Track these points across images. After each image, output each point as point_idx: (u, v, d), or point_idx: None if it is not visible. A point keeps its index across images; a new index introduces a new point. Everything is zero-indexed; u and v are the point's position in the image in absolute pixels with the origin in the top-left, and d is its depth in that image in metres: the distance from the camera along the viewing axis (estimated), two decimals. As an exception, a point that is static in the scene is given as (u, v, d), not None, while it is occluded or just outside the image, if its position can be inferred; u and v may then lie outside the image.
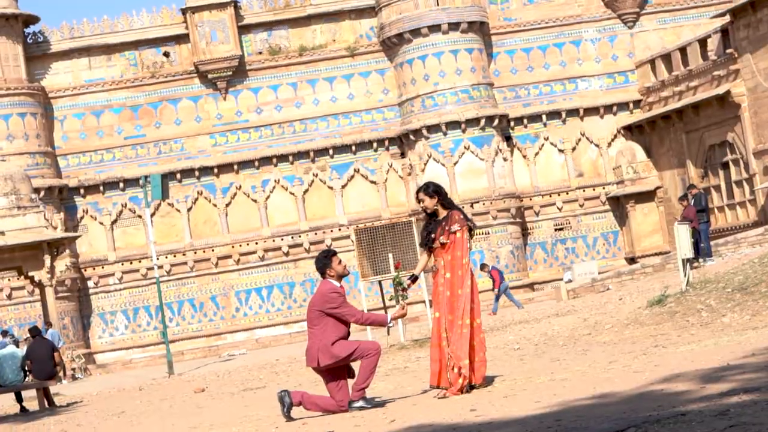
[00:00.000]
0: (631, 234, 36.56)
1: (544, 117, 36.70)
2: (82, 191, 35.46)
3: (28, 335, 20.89)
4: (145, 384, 21.95)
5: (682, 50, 34.58)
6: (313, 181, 36.16)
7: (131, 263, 35.48)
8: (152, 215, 32.66)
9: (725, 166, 33.42)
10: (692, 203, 25.15)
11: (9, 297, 33.92)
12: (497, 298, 29.68)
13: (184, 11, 35.81)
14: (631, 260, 35.57)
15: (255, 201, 36.03)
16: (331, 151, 36.19)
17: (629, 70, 37.24)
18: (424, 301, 24.56)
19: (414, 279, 10.36)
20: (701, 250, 23.71)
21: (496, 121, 35.54)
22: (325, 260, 10.08)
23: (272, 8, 36.45)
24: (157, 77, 36.06)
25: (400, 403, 10.05)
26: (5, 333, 28.70)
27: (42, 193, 32.82)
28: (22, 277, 27.57)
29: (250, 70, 36.38)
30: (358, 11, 36.68)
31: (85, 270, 35.34)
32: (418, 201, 10.28)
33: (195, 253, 35.72)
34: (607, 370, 10.02)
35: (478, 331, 10.02)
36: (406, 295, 10.58)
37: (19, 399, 19.10)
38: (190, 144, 36.15)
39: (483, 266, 30.83)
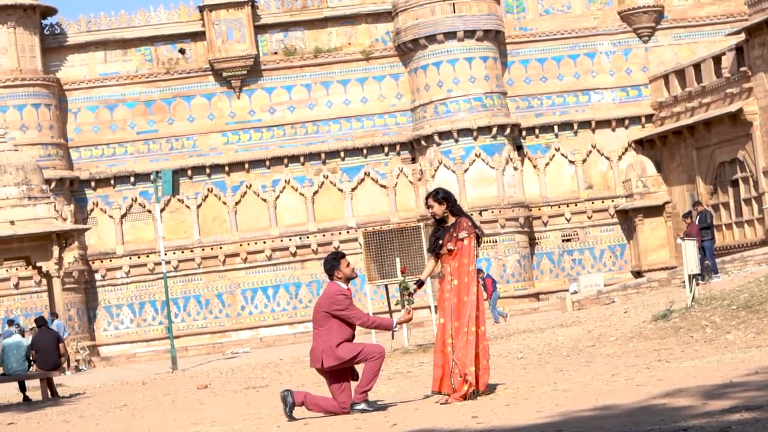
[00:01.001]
0: (638, 248, 36.56)
1: (555, 128, 36.73)
2: (92, 184, 35.59)
3: (34, 325, 20.99)
4: (149, 378, 22.01)
5: (696, 66, 34.59)
6: (323, 183, 36.23)
7: (139, 257, 35.59)
8: (162, 210, 32.74)
9: (735, 183, 33.42)
10: (697, 220, 25.15)
11: (16, 286, 34.04)
12: (493, 308, 29.36)
13: (201, 9, 35.93)
14: (638, 274, 35.56)
15: (264, 200, 36.12)
16: (342, 154, 36.26)
17: (642, 84, 37.25)
18: (429, 307, 24.60)
19: (420, 284, 10.41)
20: (705, 267, 23.71)
21: (508, 130, 35.58)
22: (333, 262, 10.13)
23: (289, 9, 36.55)
24: (172, 73, 36.19)
25: (402, 407, 10.09)
26: (11, 322, 28.81)
27: (53, 185, 32.91)
28: (30, 267, 27.69)
29: (265, 70, 36.48)
30: (375, 15, 36.75)
31: (93, 262, 35.45)
32: (427, 207, 10.34)
33: (203, 250, 35.83)
34: (609, 382, 10.06)
35: (483, 338, 10.07)
36: (412, 300, 10.62)
37: (23, 388, 19.17)
38: (202, 141, 36.25)
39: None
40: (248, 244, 35.86)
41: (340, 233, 36.01)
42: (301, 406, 10.02)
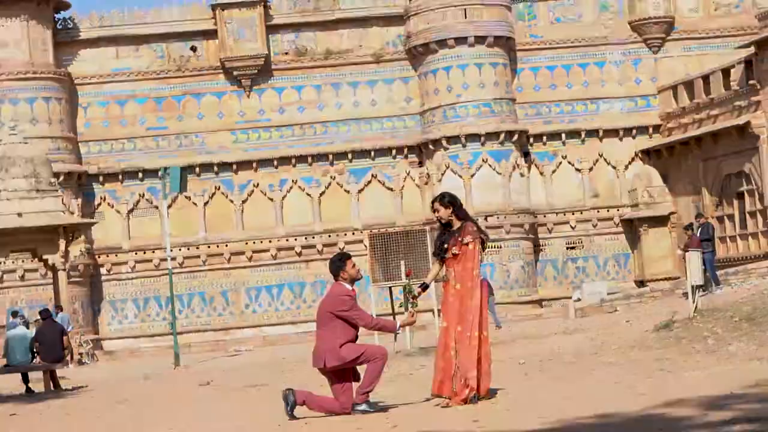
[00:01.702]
0: (642, 257, 36.59)
1: (563, 135, 36.77)
2: (101, 179, 35.70)
3: (39, 317, 21.08)
4: (151, 373, 22.08)
5: (705, 78, 34.61)
6: (330, 184, 36.30)
7: (145, 253, 35.68)
8: (169, 207, 32.78)
9: (740, 196, 33.45)
10: (699, 232, 25.16)
11: (22, 278, 34.14)
12: (492, 312, 29.25)
13: (213, 7, 36.03)
14: (641, 283, 35.58)
15: (271, 200, 36.20)
16: (350, 155, 36.31)
17: (651, 94, 37.27)
18: (432, 310, 24.66)
19: (424, 287, 10.45)
20: (706, 279, 23.73)
21: (516, 137, 35.63)
22: (339, 263, 10.19)
23: (301, 10, 36.63)
24: (183, 71, 36.28)
25: (403, 409, 10.15)
26: (16, 314, 28.91)
27: (61, 178, 32.95)
28: (36, 259, 27.75)
29: (276, 70, 36.56)
30: (386, 18, 36.81)
31: (99, 257, 35.55)
32: (433, 210, 10.38)
33: (208, 247, 35.91)
34: (610, 390, 10.10)
35: (485, 343, 10.12)
36: (416, 303, 10.67)
37: (26, 380, 19.25)
38: (211, 139, 36.34)
39: None
40: (254, 242, 35.94)
41: (345, 234, 36.06)
42: (303, 406, 10.07)
